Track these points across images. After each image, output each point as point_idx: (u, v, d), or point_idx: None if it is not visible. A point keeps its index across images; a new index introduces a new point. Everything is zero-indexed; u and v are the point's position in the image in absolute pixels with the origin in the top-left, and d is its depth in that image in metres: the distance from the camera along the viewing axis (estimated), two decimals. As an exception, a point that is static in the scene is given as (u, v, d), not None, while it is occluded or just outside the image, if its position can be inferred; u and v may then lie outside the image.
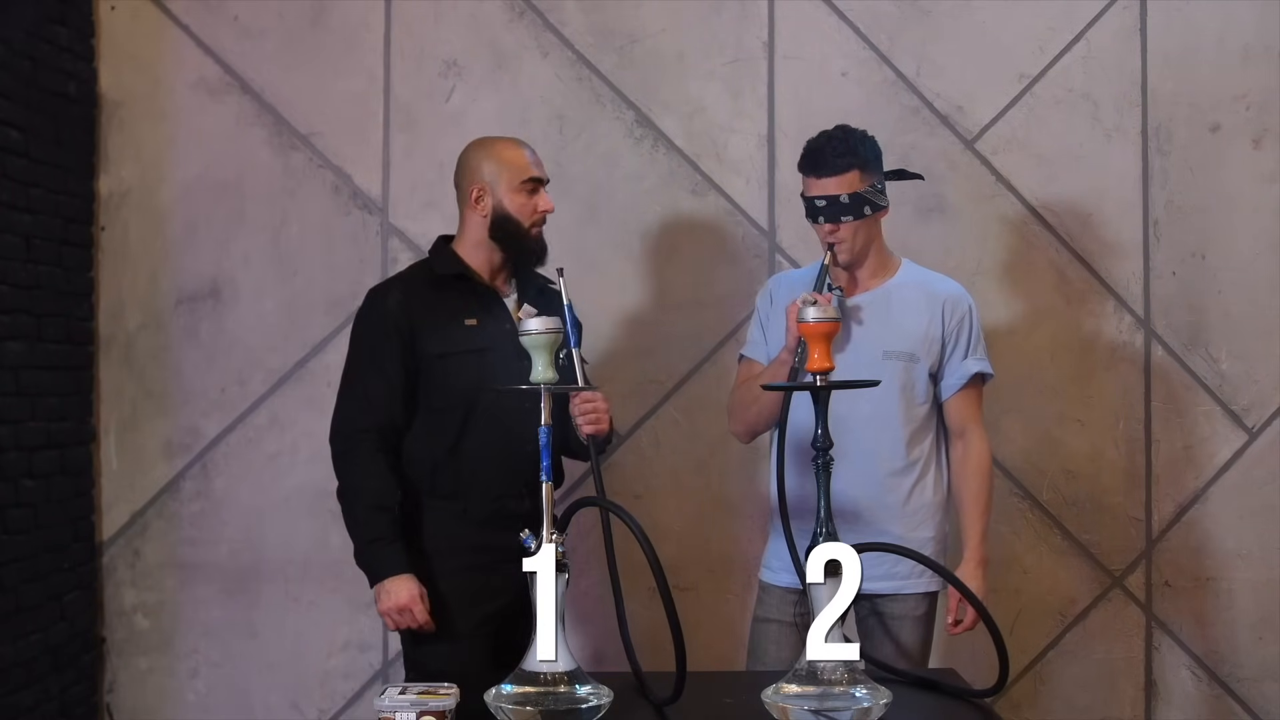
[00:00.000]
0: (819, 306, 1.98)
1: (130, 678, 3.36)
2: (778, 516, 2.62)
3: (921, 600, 2.61)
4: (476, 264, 2.65)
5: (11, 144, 2.96)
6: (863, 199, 2.54)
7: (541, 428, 1.96)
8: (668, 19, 3.36)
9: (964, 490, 2.65)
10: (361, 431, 2.56)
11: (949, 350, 2.63)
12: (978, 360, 2.65)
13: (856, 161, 2.54)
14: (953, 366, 2.64)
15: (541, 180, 2.65)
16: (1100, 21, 3.36)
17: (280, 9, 3.36)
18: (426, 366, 2.57)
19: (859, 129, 2.62)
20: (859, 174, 2.54)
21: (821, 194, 2.54)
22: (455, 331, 2.58)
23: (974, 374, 2.64)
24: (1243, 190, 3.35)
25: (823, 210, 2.54)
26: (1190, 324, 3.36)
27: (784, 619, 2.62)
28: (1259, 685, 3.36)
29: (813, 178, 2.56)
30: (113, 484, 3.35)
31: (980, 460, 2.65)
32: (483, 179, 2.62)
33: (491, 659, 2.55)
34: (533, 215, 2.62)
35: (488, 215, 2.61)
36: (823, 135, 2.59)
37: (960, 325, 2.64)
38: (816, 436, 1.98)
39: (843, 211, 2.53)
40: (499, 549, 2.48)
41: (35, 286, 3.06)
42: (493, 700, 1.88)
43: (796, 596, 2.59)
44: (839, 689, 1.85)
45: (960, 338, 2.64)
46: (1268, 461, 3.36)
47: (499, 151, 2.64)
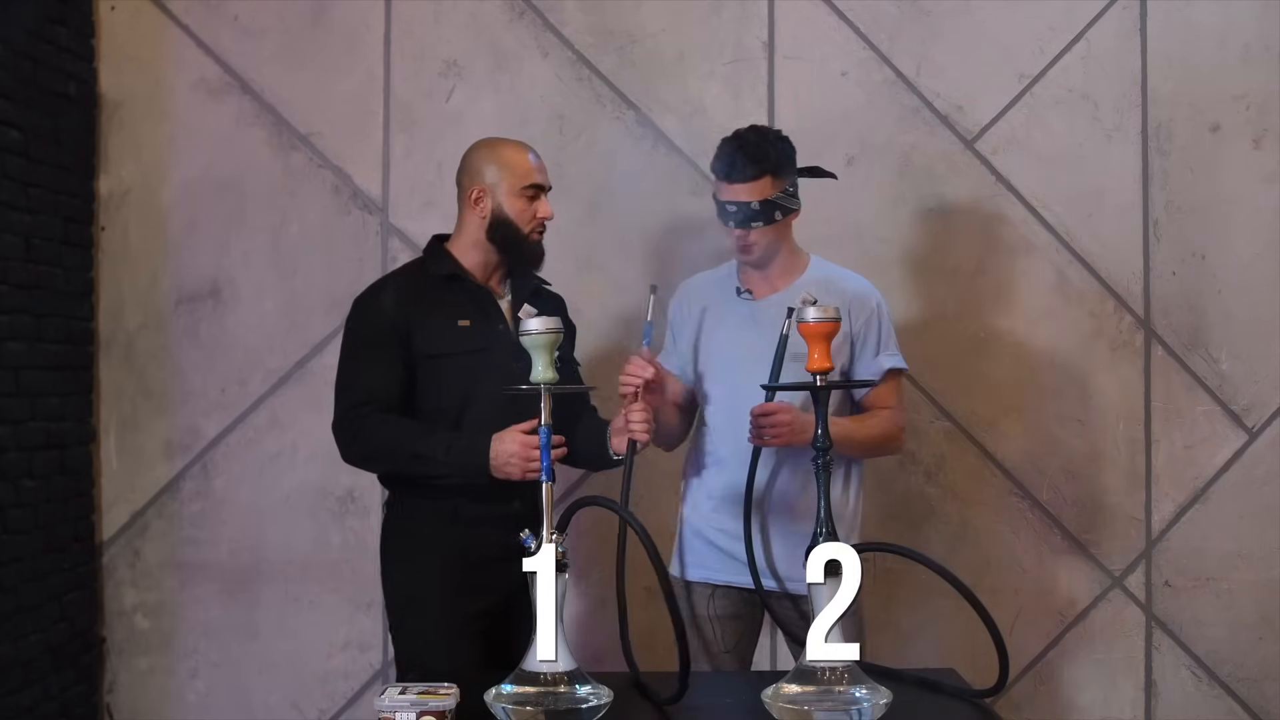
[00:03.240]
0: (819, 307, 1.98)
1: (130, 678, 3.36)
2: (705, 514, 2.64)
3: None
4: (471, 264, 2.63)
5: (11, 144, 2.96)
6: (774, 205, 2.52)
7: (541, 428, 1.96)
8: (668, 19, 3.36)
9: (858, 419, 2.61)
10: (365, 404, 2.53)
11: (858, 348, 2.60)
12: (890, 356, 2.62)
13: (768, 167, 2.51)
14: (865, 364, 2.61)
15: (543, 187, 2.63)
16: (1100, 21, 3.36)
17: (280, 9, 3.36)
18: (419, 367, 2.55)
19: (773, 129, 2.60)
20: (770, 180, 2.51)
21: (733, 199, 2.52)
22: (449, 332, 2.56)
23: (887, 370, 2.62)
24: (1243, 190, 3.35)
25: (733, 215, 2.52)
26: (1190, 324, 3.36)
27: (703, 614, 2.63)
28: (1259, 685, 3.36)
29: (725, 182, 2.54)
30: (113, 484, 3.35)
31: (886, 418, 2.61)
32: (484, 180, 2.61)
33: (483, 658, 2.55)
34: (532, 221, 2.60)
35: (486, 217, 2.60)
36: (736, 138, 2.55)
37: (869, 323, 2.60)
38: (817, 437, 1.98)
39: (754, 217, 2.51)
40: (489, 549, 2.50)
41: (35, 286, 3.06)
42: (493, 700, 1.88)
43: (711, 590, 2.61)
44: (839, 689, 1.85)
45: (869, 335, 2.60)
46: (1268, 461, 3.36)
47: (503, 154, 2.62)
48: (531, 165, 2.62)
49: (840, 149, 3.28)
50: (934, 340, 3.30)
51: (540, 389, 1.94)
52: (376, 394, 2.54)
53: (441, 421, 2.55)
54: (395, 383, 2.55)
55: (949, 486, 3.36)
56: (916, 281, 3.33)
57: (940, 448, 3.33)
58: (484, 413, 2.54)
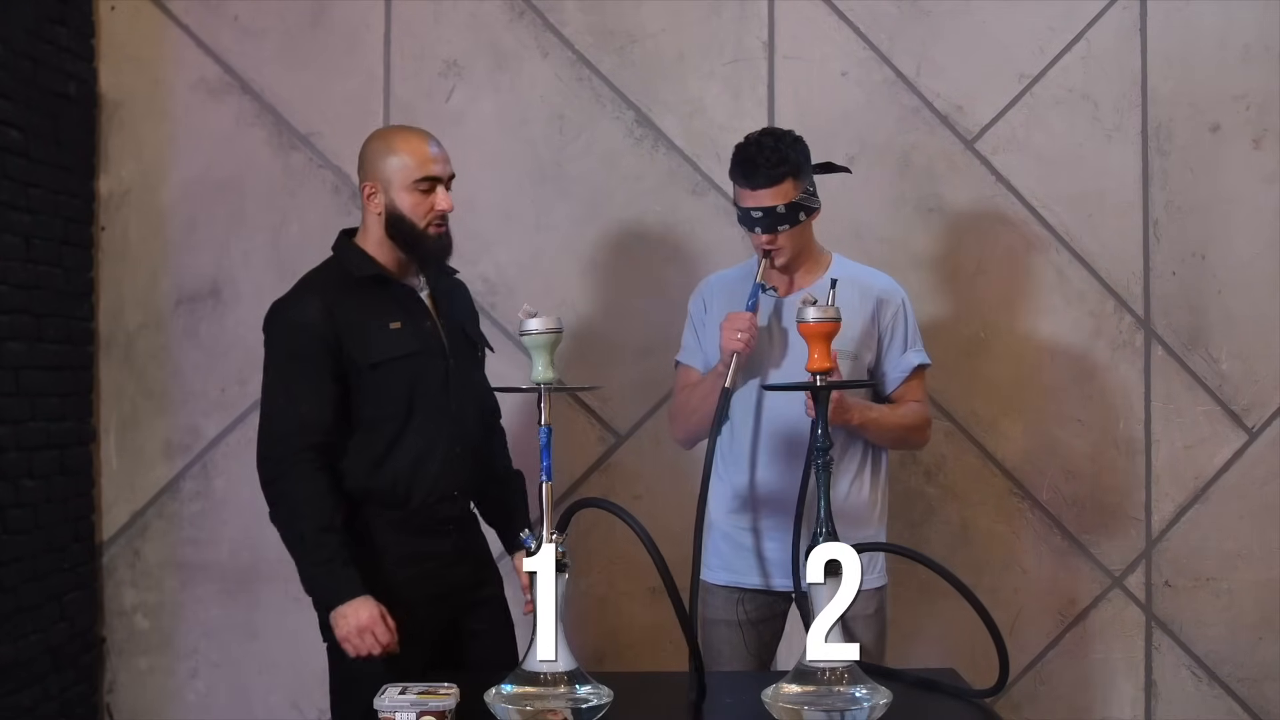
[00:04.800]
0: (819, 306, 1.99)
1: (130, 678, 3.36)
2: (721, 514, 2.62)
3: (872, 597, 2.60)
4: (385, 260, 2.49)
5: (11, 144, 2.96)
6: (798, 206, 2.50)
7: (541, 428, 1.95)
8: (668, 19, 3.36)
9: None
10: (297, 452, 2.37)
11: (886, 345, 2.62)
12: (916, 352, 2.65)
13: (790, 170, 2.49)
14: (893, 361, 2.63)
15: (439, 178, 2.47)
16: (1100, 21, 3.36)
17: (280, 9, 3.35)
18: (358, 377, 2.41)
19: (788, 131, 2.58)
20: (792, 182, 2.49)
21: (757, 205, 2.49)
22: (382, 338, 2.43)
23: (915, 366, 2.64)
24: (1243, 190, 3.35)
25: (759, 221, 2.49)
26: (1190, 324, 3.36)
27: (730, 618, 2.61)
28: (1259, 685, 3.37)
29: (747, 189, 2.50)
30: (113, 484, 3.35)
31: (916, 410, 2.64)
32: (376, 176, 2.46)
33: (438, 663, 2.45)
34: (428, 215, 2.45)
35: (382, 214, 2.46)
36: (753, 144, 2.52)
37: (895, 319, 2.62)
38: (816, 436, 1.98)
39: (779, 221, 2.49)
40: (437, 553, 2.47)
41: (35, 286, 3.06)
42: (493, 700, 1.88)
43: (740, 594, 2.60)
44: (839, 689, 1.86)
45: (896, 331, 2.62)
46: (1268, 461, 3.36)
47: (395, 146, 2.47)
48: (425, 156, 2.46)
49: (840, 149, 3.27)
50: (934, 340, 3.27)
51: (540, 389, 1.94)
52: (309, 424, 2.38)
53: (383, 428, 2.43)
54: (329, 404, 2.39)
55: (949, 486, 3.36)
56: (916, 281, 3.32)
57: (940, 448, 3.33)
58: (428, 417, 2.46)
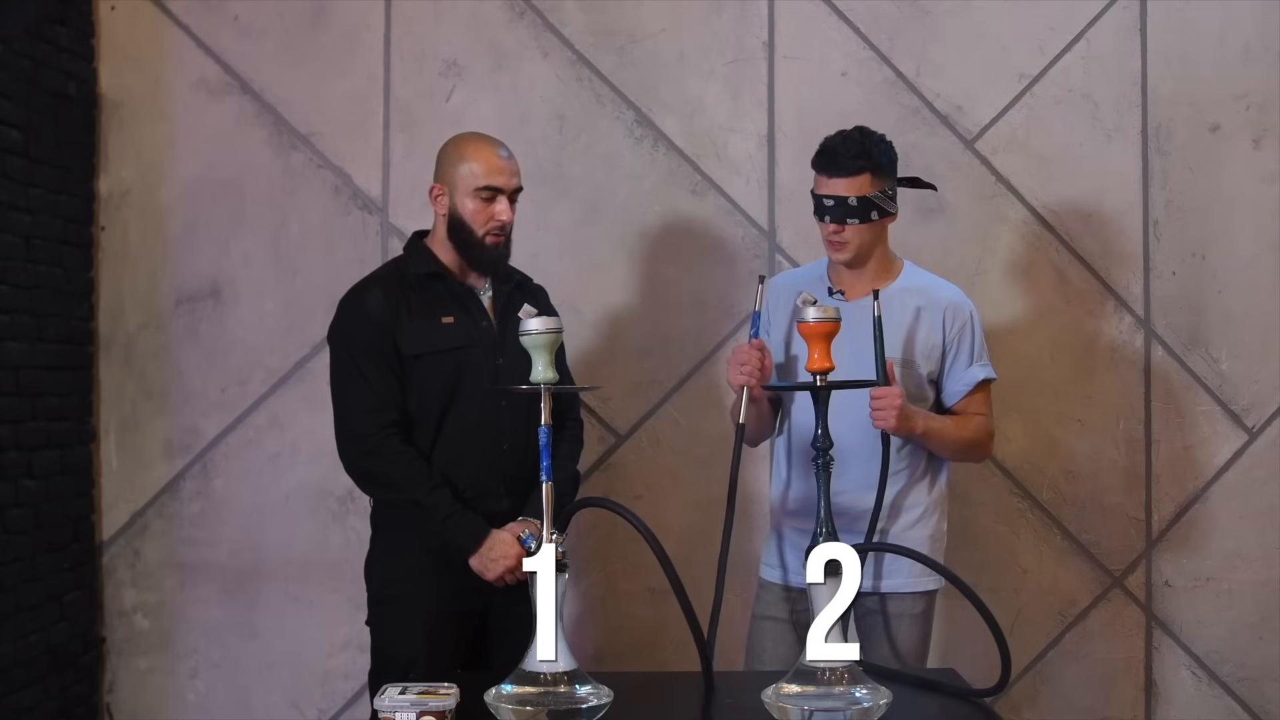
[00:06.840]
0: (819, 306, 1.99)
1: (130, 678, 3.36)
2: (779, 514, 2.64)
3: (919, 599, 2.61)
4: (449, 260, 2.59)
5: (11, 144, 2.96)
6: (871, 203, 2.51)
7: (541, 428, 1.95)
8: (668, 19, 3.36)
9: None
10: (383, 429, 2.49)
11: (950, 357, 2.62)
12: (982, 366, 2.64)
13: (869, 165, 2.50)
14: (957, 374, 2.62)
15: (501, 189, 2.54)
16: (1100, 21, 3.36)
17: (280, 9, 3.35)
18: (403, 368, 2.52)
19: (878, 132, 2.59)
20: (870, 178, 2.51)
21: (830, 194, 2.51)
22: (432, 331, 2.52)
23: (979, 380, 2.63)
24: (1243, 190, 3.35)
25: (830, 210, 2.51)
26: (1190, 324, 3.36)
27: (780, 616, 2.62)
28: (1259, 685, 3.37)
29: (824, 176, 2.53)
30: (113, 484, 3.35)
31: (980, 424, 2.64)
32: (444, 179, 2.56)
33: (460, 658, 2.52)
34: (487, 224, 2.53)
35: (445, 215, 2.56)
36: (840, 134, 2.55)
37: (962, 332, 2.62)
38: (816, 437, 1.98)
39: (849, 214, 2.50)
40: None
41: (35, 286, 3.06)
42: (493, 700, 1.88)
43: (795, 594, 2.60)
44: (839, 689, 1.85)
45: (962, 345, 2.62)
46: (1268, 461, 3.36)
47: (466, 152, 2.55)
48: (492, 166, 2.53)
49: (840, 149, 3.28)
50: (934, 340, 3.30)
51: (540, 389, 1.94)
52: (388, 403, 2.50)
53: (425, 421, 2.52)
54: (399, 389, 2.51)
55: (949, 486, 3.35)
56: (916, 281, 3.33)
57: (940, 448, 3.33)
58: (468, 410, 2.52)
